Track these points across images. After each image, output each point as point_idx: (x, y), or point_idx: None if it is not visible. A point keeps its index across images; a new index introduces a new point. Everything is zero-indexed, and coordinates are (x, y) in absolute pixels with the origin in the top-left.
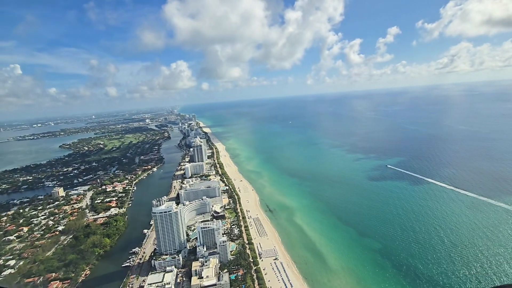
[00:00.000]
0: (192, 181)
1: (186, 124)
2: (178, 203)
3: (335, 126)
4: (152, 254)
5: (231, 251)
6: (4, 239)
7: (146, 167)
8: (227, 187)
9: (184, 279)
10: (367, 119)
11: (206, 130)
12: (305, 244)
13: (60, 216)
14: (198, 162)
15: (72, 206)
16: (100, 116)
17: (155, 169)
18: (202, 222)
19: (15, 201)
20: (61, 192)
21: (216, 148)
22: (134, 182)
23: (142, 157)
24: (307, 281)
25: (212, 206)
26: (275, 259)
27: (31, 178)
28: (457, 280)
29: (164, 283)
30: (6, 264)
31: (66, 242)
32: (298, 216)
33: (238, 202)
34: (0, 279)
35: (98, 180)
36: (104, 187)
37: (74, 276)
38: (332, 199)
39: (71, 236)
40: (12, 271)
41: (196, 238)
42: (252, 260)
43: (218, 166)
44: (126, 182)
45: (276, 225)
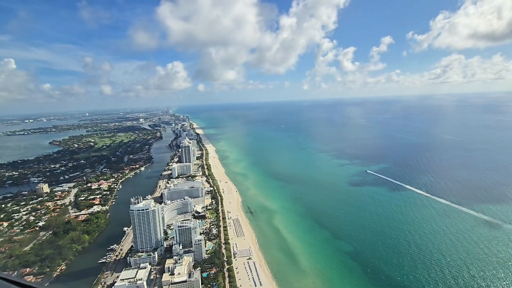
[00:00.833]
0: (176, 181)
1: (179, 124)
2: (161, 203)
3: (326, 132)
4: (128, 251)
5: (207, 250)
6: None
7: (134, 166)
8: (212, 188)
9: (158, 276)
10: (357, 126)
11: (199, 131)
12: (279, 246)
13: (42, 212)
14: (186, 162)
15: (55, 203)
16: (94, 114)
17: (142, 168)
18: (182, 221)
19: None
20: (45, 188)
21: (206, 149)
22: (120, 181)
23: (131, 156)
24: (276, 280)
25: (194, 206)
26: (249, 258)
27: (17, 173)
28: (416, 282)
29: (136, 279)
30: None
31: (45, 238)
32: (277, 218)
33: (220, 203)
34: None
35: (84, 178)
36: (89, 184)
37: (49, 271)
38: (312, 202)
39: (50, 232)
40: None
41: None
42: (226, 259)
43: (205, 167)
44: (112, 180)
45: (254, 226)
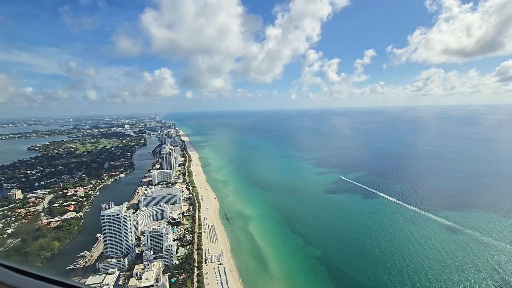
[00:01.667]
0: (154, 187)
1: (165, 131)
2: (137, 209)
3: (309, 141)
4: (98, 257)
5: (179, 256)
6: None
7: (114, 173)
8: (191, 195)
9: (126, 281)
10: (341, 135)
11: (185, 138)
12: (251, 251)
13: (12, 219)
14: (167, 169)
15: (28, 209)
16: (79, 119)
17: (122, 175)
18: (154, 227)
19: None
20: (18, 194)
21: (189, 156)
22: (98, 187)
23: (112, 162)
24: (244, 284)
25: (171, 213)
26: (220, 264)
27: None
28: (376, 285)
29: (103, 284)
30: None
31: (12, 246)
32: (252, 224)
33: (198, 210)
34: None
35: (61, 184)
36: (65, 191)
37: None
38: (287, 209)
39: (19, 239)
40: None
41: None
42: (197, 264)
43: (187, 174)
44: (90, 186)
45: (229, 232)
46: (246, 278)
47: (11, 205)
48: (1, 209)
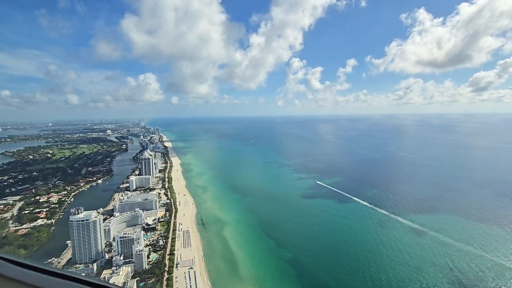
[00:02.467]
0: (130, 193)
1: (148, 137)
2: (112, 215)
3: (292, 147)
4: (66, 263)
5: (150, 261)
6: None
7: (91, 179)
8: (168, 201)
9: None
10: (324, 142)
11: (168, 144)
12: (224, 255)
13: None
14: (146, 175)
15: None
16: (59, 124)
17: (100, 181)
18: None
19: None
20: None
21: (171, 162)
22: (73, 194)
23: (90, 168)
24: (213, 287)
25: (145, 219)
26: (190, 268)
27: None
28: (338, 285)
29: None
30: None
31: None
32: (227, 229)
33: (174, 215)
34: None
35: (33, 190)
36: (38, 197)
37: None
38: (263, 214)
39: None
40: None
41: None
42: (167, 269)
43: (167, 180)
44: (64, 193)
45: (203, 237)
46: (215, 281)
47: None
48: None
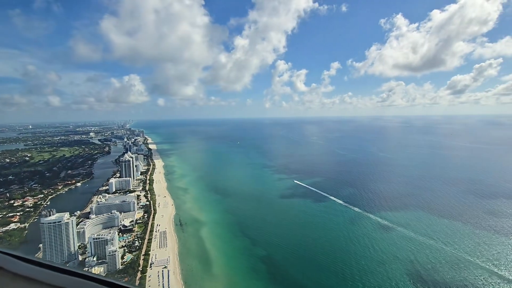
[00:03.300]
0: (108, 195)
1: (132, 139)
2: (89, 218)
3: (277, 149)
4: None
5: (125, 262)
6: None
7: (69, 182)
8: (148, 202)
9: None
10: (308, 143)
11: (152, 146)
12: (199, 254)
13: None
14: (126, 177)
15: None
16: (39, 126)
17: (79, 184)
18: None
19: None
20: None
21: (154, 164)
22: (50, 197)
23: (70, 171)
24: (186, 285)
25: (123, 220)
26: (164, 267)
27: None
28: (306, 280)
29: None
30: None
31: None
32: (205, 230)
33: (152, 217)
34: None
35: (8, 194)
36: (12, 201)
37: None
38: (242, 215)
39: None
40: None
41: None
42: (141, 269)
43: (148, 182)
44: (40, 196)
45: (180, 238)
46: (188, 279)
47: None
48: None
